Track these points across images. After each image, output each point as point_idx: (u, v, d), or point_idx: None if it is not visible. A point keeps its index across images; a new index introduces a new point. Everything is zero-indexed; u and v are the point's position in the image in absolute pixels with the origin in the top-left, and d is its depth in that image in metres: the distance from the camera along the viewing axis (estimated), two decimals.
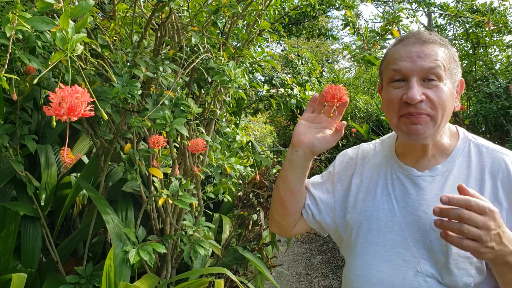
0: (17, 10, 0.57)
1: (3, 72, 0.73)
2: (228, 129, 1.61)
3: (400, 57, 0.84)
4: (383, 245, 0.86)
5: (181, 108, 1.27)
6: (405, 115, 0.82)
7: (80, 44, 0.60)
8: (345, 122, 0.85)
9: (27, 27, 0.69)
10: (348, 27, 1.48)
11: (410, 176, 0.88)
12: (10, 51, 0.64)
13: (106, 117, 0.67)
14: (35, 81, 0.60)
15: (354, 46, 0.83)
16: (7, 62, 0.61)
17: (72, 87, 0.57)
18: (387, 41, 1.10)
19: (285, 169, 0.92)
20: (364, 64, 0.85)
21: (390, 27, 1.12)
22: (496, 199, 0.80)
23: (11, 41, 0.68)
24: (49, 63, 0.58)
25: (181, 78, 1.44)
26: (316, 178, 1.05)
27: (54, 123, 0.58)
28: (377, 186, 0.92)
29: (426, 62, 0.81)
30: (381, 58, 0.92)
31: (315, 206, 0.99)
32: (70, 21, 0.56)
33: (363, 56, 0.83)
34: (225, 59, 1.56)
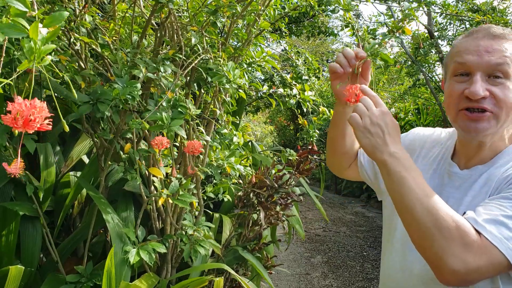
0: (10, 15, 0.58)
1: None
2: (225, 130, 1.61)
3: (466, 49, 0.81)
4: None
5: (179, 109, 1.27)
6: (464, 110, 0.80)
7: (50, 54, 0.60)
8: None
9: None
10: (348, 29, 1.47)
11: (451, 173, 0.88)
12: (4, 55, 0.64)
13: (67, 129, 0.68)
14: None
15: (367, 44, 0.83)
16: (1, 65, 0.61)
17: (31, 101, 0.58)
18: (396, 40, 1.08)
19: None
20: (379, 61, 0.85)
21: (403, 25, 1.11)
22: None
23: (5, 44, 0.68)
24: (17, 69, 0.59)
25: (180, 79, 1.45)
26: None
27: (16, 132, 0.59)
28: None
29: (493, 58, 0.77)
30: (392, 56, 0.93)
31: (372, 169, 1.07)
32: (44, 30, 0.57)
33: (378, 53, 0.83)
34: (224, 59, 1.56)
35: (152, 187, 1.72)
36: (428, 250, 0.70)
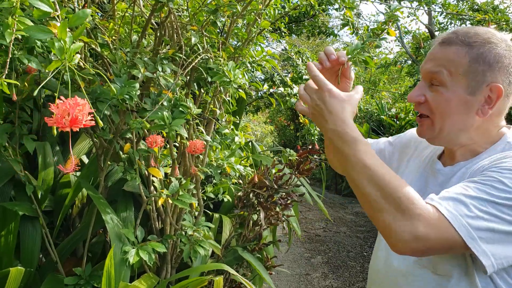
0: (16, 15, 0.57)
1: (3, 77, 0.73)
2: (226, 130, 1.61)
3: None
4: None
5: (180, 109, 1.27)
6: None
7: (78, 53, 0.61)
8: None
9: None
10: (347, 27, 1.48)
11: (435, 170, 0.90)
12: (10, 55, 0.64)
13: (101, 124, 0.68)
14: (31, 94, 0.60)
15: (352, 47, 0.83)
16: (7, 65, 0.61)
17: (73, 99, 0.59)
18: (382, 41, 1.09)
19: None
20: (360, 65, 0.85)
21: (387, 27, 1.12)
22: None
23: (11, 46, 0.68)
24: (46, 70, 0.59)
25: (180, 78, 1.44)
26: (380, 143, 1.12)
27: (55, 131, 0.60)
28: (412, 178, 0.94)
29: (429, 66, 0.82)
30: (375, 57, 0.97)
31: None
32: (68, 30, 0.57)
33: (360, 57, 0.83)
34: (224, 59, 1.55)
35: (152, 187, 1.71)
36: (377, 219, 0.70)
